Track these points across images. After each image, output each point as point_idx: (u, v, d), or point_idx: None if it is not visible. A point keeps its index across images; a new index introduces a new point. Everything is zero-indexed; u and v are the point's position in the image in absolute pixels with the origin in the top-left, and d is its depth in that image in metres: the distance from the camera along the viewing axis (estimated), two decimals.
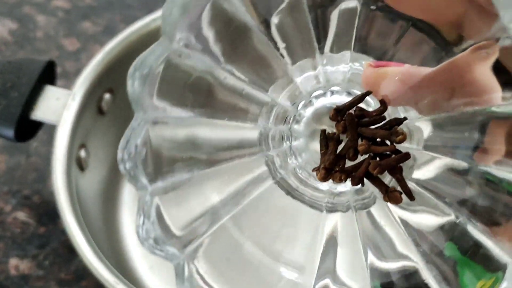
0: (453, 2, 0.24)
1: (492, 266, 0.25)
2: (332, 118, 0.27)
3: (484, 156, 0.25)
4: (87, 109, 0.47)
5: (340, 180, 0.26)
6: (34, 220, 0.50)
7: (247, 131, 0.29)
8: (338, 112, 0.27)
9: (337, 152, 0.27)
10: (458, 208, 0.26)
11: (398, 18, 0.27)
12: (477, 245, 0.25)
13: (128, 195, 0.52)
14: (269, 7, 0.28)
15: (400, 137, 0.26)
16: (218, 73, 0.28)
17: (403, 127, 0.27)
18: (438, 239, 0.26)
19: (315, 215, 0.28)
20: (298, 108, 0.29)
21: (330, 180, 0.27)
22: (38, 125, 0.48)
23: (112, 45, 0.49)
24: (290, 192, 0.29)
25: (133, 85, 0.25)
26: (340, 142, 0.27)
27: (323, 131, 0.27)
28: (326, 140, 0.27)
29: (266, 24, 0.28)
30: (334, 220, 0.28)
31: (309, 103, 0.29)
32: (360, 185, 0.27)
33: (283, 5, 0.27)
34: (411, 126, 0.28)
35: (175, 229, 0.27)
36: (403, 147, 0.27)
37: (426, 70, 0.26)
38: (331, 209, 0.28)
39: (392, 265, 0.27)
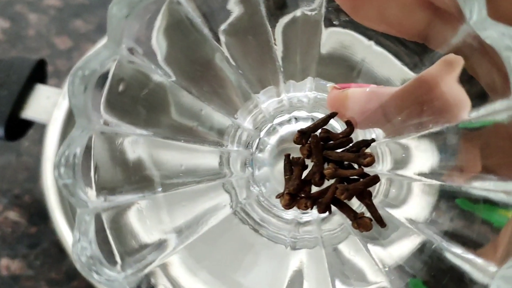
0: (414, 13, 0.23)
1: None
2: (296, 142, 0.25)
3: (458, 175, 0.24)
4: None
5: (306, 207, 0.24)
6: (25, 220, 0.50)
7: (206, 155, 0.27)
8: (303, 135, 0.25)
9: (302, 177, 0.25)
10: (432, 234, 0.24)
11: (364, 31, 0.25)
12: (453, 272, 0.23)
13: None
14: (217, 20, 0.26)
15: (368, 159, 0.24)
16: (174, 89, 0.26)
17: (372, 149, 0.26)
18: (410, 267, 0.25)
19: (279, 249, 0.27)
20: (261, 135, 0.28)
21: (295, 208, 0.25)
22: (28, 124, 0.47)
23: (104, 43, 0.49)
24: (250, 224, 0.27)
25: (73, 90, 0.22)
26: (306, 167, 0.25)
27: (287, 156, 0.26)
28: (291, 165, 0.25)
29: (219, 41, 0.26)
30: (299, 255, 0.27)
31: (273, 131, 0.28)
32: (327, 212, 0.25)
33: (231, 19, 0.25)
34: (382, 148, 0.26)
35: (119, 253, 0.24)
36: (371, 171, 0.25)
37: (393, 89, 0.25)
38: (296, 246, 0.27)
39: None
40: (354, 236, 0.26)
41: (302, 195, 0.25)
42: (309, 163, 0.25)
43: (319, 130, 0.25)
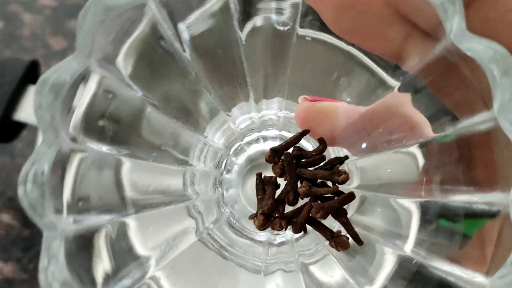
0: (390, 27, 0.21)
1: None
2: (268, 160, 0.25)
3: (436, 188, 0.23)
4: None
5: (281, 227, 0.24)
6: (18, 223, 0.49)
7: (174, 176, 0.26)
8: (275, 153, 0.24)
9: (276, 197, 0.24)
10: (411, 249, 0.23)
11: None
12: (441, 285, 0.22)
13: None
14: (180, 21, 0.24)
15: (343, 176, 0.24)
16: (141, 104, 0.24)
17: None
18: (394, 285, 0.24)
19: (252, 275, 0.25)
20: (230, 154, 0.27)
21: (269, 229, 0.24)
22: (21, 126, 0.47)
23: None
24: (217, 249, 0.26)
25: (40, 102, 0.20)
26: (278, 186, 0.25)
27: (259, 174, 0.25)
28: (263, 184, 0.25)
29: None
30: (275, 278, 0.25)
31: (240, 150, 0.27)
32: (302, 232, 0.24)
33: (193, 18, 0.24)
34: (351, 165, 0.26)
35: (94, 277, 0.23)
36: (345, 188, 0.25)
37: (362, 109, 0.24)
38: (269, 271, 0.25)
39: None
40: (331, 257, 0.25)
41: (276, 215, 0.24)
42: (282, 182, 0.25)
43: (291, 148, 0.25)
